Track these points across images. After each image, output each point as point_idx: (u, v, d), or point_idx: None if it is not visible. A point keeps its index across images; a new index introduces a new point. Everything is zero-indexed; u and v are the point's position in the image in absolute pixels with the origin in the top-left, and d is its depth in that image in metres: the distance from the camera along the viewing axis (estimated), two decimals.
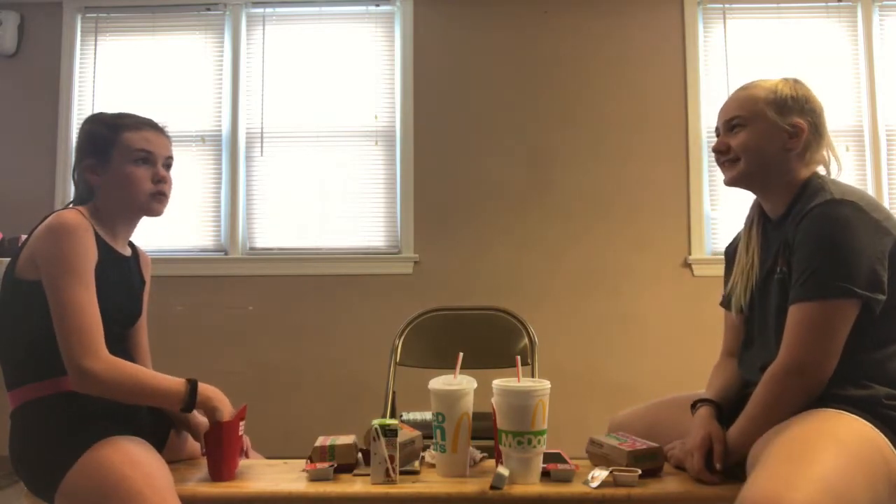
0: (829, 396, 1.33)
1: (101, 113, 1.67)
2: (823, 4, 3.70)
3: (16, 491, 2.72)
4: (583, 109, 3.70)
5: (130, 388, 1.42)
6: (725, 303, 1.66)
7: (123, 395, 1.43)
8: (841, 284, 1.32)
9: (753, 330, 1.56)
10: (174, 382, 1.46)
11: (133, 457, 1.37)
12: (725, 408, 1.50)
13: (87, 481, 1.35)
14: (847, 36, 3.70)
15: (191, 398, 1.45)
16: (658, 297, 3.58)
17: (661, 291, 3.58)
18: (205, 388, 1.48)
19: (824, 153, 1.53)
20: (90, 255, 1.47)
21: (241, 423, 1.54)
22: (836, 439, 1.23)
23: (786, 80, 1.54)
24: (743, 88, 1.55)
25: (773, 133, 1.48)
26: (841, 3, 3.69)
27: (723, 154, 1.55)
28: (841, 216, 1.35)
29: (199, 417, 1.64)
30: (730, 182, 1.55)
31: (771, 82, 1.53)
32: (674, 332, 3.53)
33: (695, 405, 1.53)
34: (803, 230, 1.39)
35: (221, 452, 1.48)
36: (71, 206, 1.59)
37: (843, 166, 1.56)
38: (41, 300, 1.45)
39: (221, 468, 1.48)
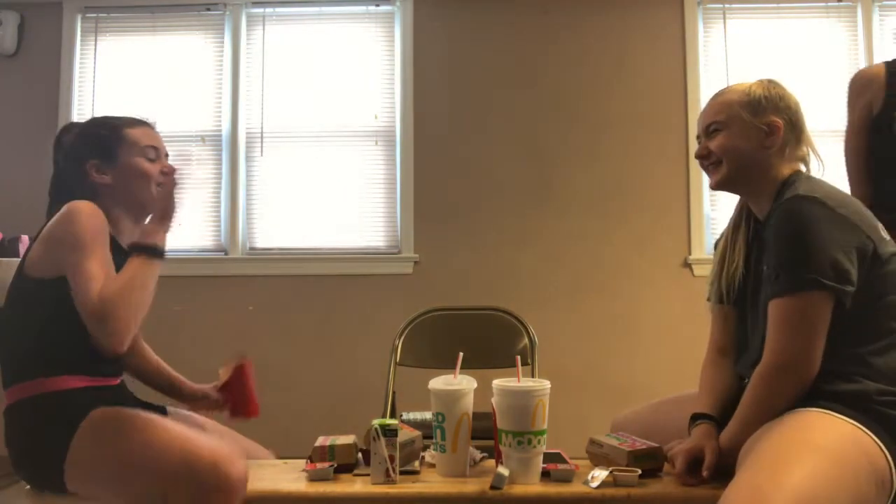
0: (819, 393, 1.33)
1: (78, 121, 1.72)
2: (823, 4, 3.70)
3: (16, 491, 2.72)
4: (583, 109, 3.70)
5: (140, 303, 1.44)
6: (713, 297, 1.66)
7: (140, 312, 1.45)
8: (808, 277, 1.34)
9: (747, 329, 1.57)
10: (141, 264, 1.47)
11: (131, 409, 1.45)
12: (723, 418, 1.49)
13: (95, 436, 1.38)
14: (847, 36, 3.70)
15: (158, 247, 1.51)
16: (658, 297, 3.58)
17: (661, 291, 3.58)
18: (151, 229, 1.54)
19: (804, 150, 1.55)
20: (105, 235, 1.49)
21: None
22: (814, 445, 1.23)
23: (760, 81, 1.57)
24: (718, 94, 1.59)
25: (749, 133, 1.51)
26: (841, 3, 3.69)
27: (705, 158, 1.58)
28: (801, 212, 1.38)
29: (192, 385, 1.74)
30: (715, 185, 1.57)
31: (744, 85, 1.57)
32: (674, 331, 3.53)
33: (694, 419, 1.51)
34: (771, 228, 1.43)
35: (247, 388, 1.64)
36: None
37: (825, 162, 1.57)
38: (45, 299, 1.46)
39: (250, 403, 1.64)
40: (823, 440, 1.24)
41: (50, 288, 1.46)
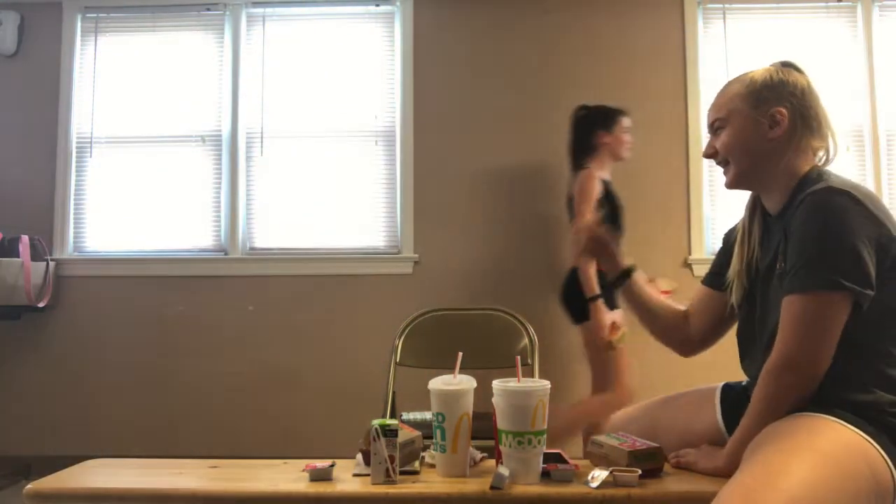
0: (833, 400, 1.30)
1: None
2: (823, 4, 3.70)
3: (16, 490, 2.71)
4: None
5: None
6: (709, 281, 1.65)
7: None
8: (831, 277, 1.29)
9: (754, 327, 1.51)
10: None
11: None
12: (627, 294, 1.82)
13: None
14: (847, 35, 3.70)
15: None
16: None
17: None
18: None
19: (821, 138, 1.45)
20: None
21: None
22: (816, 451, 1.19)
23: (767, 67, 1.50)
24: (723, 87, 1.54)
25: (751, 127, 1.45)
26: (841, 3, 3.69)
27: (712, 158, 1.53)
28: (835, 205, 1.31)
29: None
30: (729, 186, 1.53)
31: (749, 75, 1.50)
32: None
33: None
34: (798, 219, 1.35)
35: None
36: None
37: (840, 148, 1.48)
38: None
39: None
40: (826, 447, 1.21)
41: None
